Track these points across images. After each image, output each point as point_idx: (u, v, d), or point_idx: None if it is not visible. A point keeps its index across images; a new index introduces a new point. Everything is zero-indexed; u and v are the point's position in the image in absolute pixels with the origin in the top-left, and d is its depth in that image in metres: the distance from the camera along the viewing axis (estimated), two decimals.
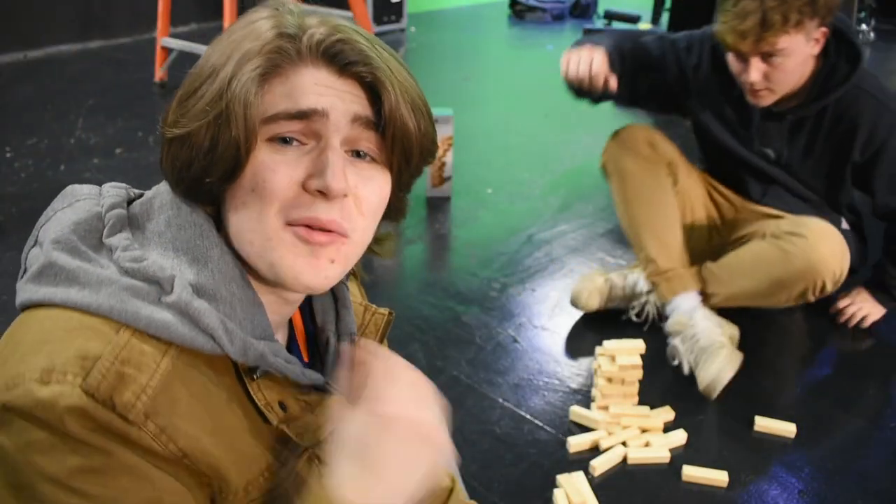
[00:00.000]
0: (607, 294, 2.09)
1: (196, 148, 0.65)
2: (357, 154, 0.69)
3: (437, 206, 2.79)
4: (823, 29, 1.70)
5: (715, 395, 1.74)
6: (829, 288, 1.81)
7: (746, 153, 1.95)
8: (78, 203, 0.70)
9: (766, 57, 1.68)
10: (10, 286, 2.13)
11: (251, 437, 0.67)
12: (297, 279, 0.67)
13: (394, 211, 0.77)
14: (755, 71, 1.70)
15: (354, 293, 0.89)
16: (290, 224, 0.66)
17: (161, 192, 0.71)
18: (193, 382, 0.63)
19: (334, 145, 0.66)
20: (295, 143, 0.66)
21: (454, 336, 2.04)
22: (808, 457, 1.66)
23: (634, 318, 2.05)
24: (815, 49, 1.74)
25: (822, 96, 1.80)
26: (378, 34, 4.93)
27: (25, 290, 0.65)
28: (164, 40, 3.79)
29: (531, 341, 2.04)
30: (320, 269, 0.67)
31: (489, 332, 2.06)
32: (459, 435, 1.67)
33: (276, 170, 0.65)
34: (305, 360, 0.81)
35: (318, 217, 0.66)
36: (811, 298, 1.84)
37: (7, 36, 4.22)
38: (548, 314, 2.15)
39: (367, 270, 2.35)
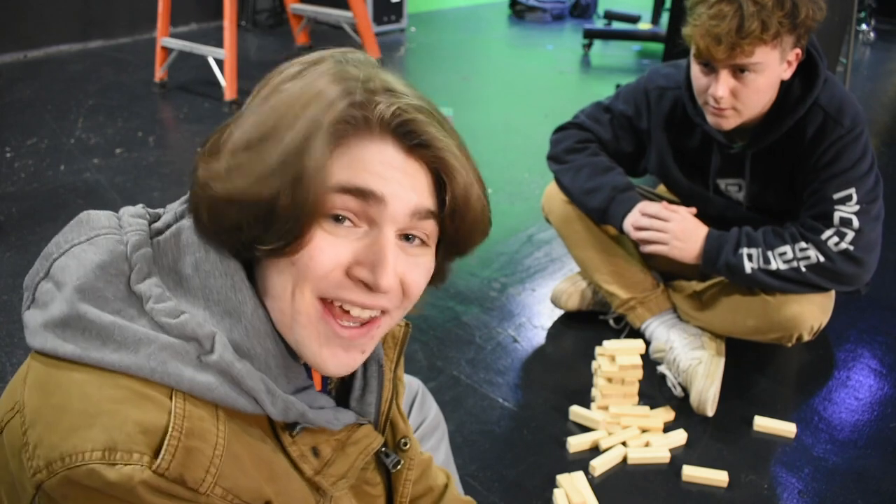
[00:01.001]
0: (589, 297, 2.09)
1: (248, 211, 0.61)
2: (407, 237, 0.67)
3: None
4: (797, 51, 1.58)
5: (709, 412, 1.74)
6: (806, 338, 1.78)
7: (710, 196, 1.85)
8: (99, 239, 0.65)
9: (737, 71, 1.55)
10: (9, 286, 2.14)
11: (297, 480, 0.68)
12: (322, 368, 0.66)
13: (437, 278, 0.76)
14: (723, 85, 1.56)
15: None
16: (322, 300, 0.64)
17: (184, 227, 0.67)
18: (244, 437, 0.62)
19: (389, 237, 0.64)
20: (347, 223, 0.64)
21: (454, 336, 2.04)
22: (808, 457, 1.66)
23: (612, 324, 2.05)
24: (787, 73, 1.61)
25: (777, 124, 1.66)
26: (378, 34, 4.93)
27: (45, 338, 0.60)
28: (164, 40, 3.79)
29: (531, 341, 2.04)
30: (348, 361, 0.67)
31: (489, 332, 2.06)
32: (459, 435, 1.67)
33: (323, 249, 0.62)
34: (317, 387, 0.79)
35: (362, 301, 0.64)
36: (787, 345, 1.82)
37: (7, 36, 4.22)
38: (548, 314, 2.15)
39: None
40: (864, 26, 5.65)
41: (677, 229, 1.74)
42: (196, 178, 0.65)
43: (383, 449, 0.82)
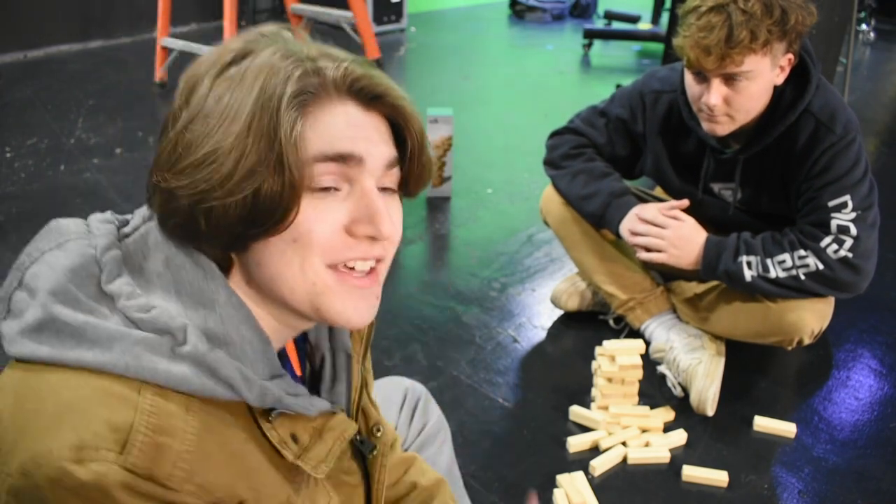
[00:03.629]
0: (589, 297, 2.09)
1: (240, 206, 0.62)
2: (382, 189, 0.70)
3: (437, 206, 2.79)
4: (790, 56, 1.58)
5: (709, 412, 1.74)
6: (807, 342, 1.78)
7: (702, 199, 1.85)
8: (68, 244, 0.66)
9: (729, 79, 1.56)
10: None
11: (271, 472, 0.67)
12: (349, 322, 0.68)
13: None
14: (716, 93, 1.57)
15: None
16: (331, 266, 0.66)
17: (153, 227, 0.67)
18: (217, 431, 0.62)
19: (372, 188, 0.67)
20: (332, 189, 0.66)
21: (454, 336, 2.04)
22: (808, 457, 1.66)
23: (612, 325, 2.06)
24: (780, 78, 1.61)
25: (768, 129, 1.66)
26: (378, 34, 4.93)
27: (22, 345, 0.61)
28: (164, 40, 3.79)
29: (531, 341, 2.04)
30: (368, 309, 0.70)
31: (489, 332, 2.06)
32: (459, 435, 1.67)
33: (320, 219, 0.65)
34: (298, 373, 0.81)
35: (367, 255, 0.67)
36: (787, 348, 1.82)
37: (7, 36, 4.22)
38: (548, 314, 2.15)
39: None
40: (864, 26, 5.65)
41: (674, 236, 1.74)
42: (172, 196, 0.63)
43: (358, 436, 0.83)
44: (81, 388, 0.58)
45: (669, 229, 1.74)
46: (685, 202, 1.79)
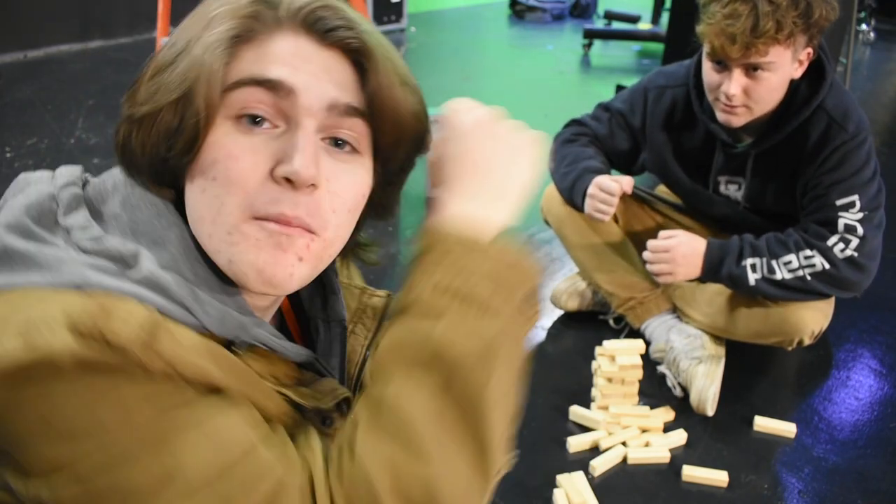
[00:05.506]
0: (589, 297, 2.09)
1: (165, 124, 0.59)
2: (335, 142, 0.62)
3: None
4: (809, 50, 1.60)
5: (709, 412, 1.74)
6: (807, 342, 1.78)
7: (711, 195, 1.85)
8: (29, 188, 0.64)
9: (750, 70, 1.56)
10: None
11: (263, 383, 0.62)
12: (261, 274, 0.59)
13: (381, 208, 0.71)
14: (736, 83, 1.56)
15: (353, 277, 0.84)
16: (256, 218, 0.59)
17: (114, 173, 0.65)
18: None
19: (306, 127, 0.59)
20: (266, 124, 0.59)
21: None
22: (808, 457, 1.66)
23: (612, 324, 2.05)
24: (798, 72, 1.62)
25: (782, 124, 1.66)
26: None
27: None
28: (164, 40, 3.78)
29: (531, 341, 2.04)
30: (286, 264, 0.60)
31: None
32: None
33: (239, 157, 0.58)
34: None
35: (284, 213, 0.58)
36: (788, 349, 1.82)
37: (7, 36, 4.22)
38: (548, 314, 2.15)
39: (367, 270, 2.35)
40: (864, 26, 5.65)
41: (678, 256, 1.72)
42: (121, 117, 0.63)
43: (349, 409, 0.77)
44: (34, 294, 0.54)
45: (671, 250, 1.72)
46: (629, 179, 1.76)
